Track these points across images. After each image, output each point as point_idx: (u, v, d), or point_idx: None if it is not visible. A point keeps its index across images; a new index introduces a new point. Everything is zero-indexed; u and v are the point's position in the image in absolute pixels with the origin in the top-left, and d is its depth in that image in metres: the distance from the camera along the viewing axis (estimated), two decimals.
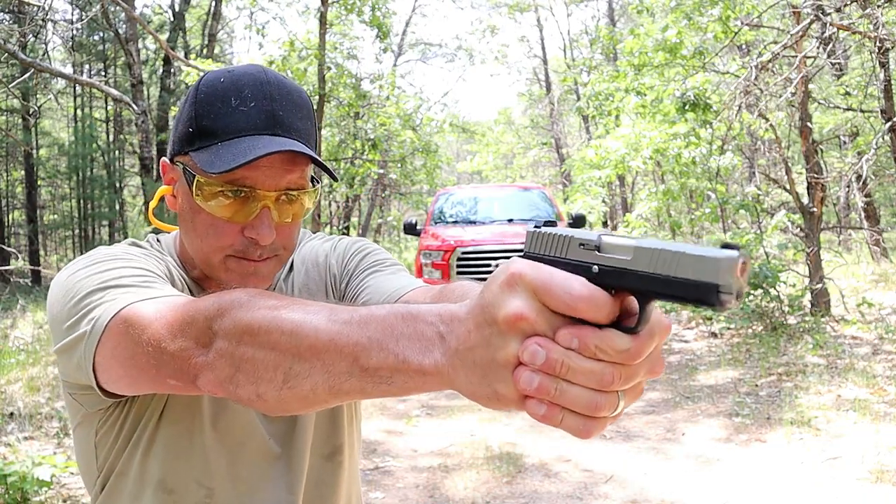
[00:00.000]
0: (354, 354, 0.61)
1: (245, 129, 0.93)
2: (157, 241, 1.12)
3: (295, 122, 0.97)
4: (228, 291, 0.75)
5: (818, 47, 7.46)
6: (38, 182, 21.47)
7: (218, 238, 0.97)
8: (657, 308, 0.54)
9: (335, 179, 0.99)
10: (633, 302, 0.54)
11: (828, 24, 6.92)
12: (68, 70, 19.69)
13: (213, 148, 0.94)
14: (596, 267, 0.54)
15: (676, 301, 0.50)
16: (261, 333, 0.67)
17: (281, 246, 1.00)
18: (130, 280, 0.89)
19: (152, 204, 1.08)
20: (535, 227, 0.60)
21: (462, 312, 0.57)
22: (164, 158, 1.03)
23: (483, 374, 0.54)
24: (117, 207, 20.72)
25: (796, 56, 7.33)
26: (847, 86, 11.36)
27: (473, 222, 9.36)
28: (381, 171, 15.38)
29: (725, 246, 0.48)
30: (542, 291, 0.52)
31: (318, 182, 1.04)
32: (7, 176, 22.52)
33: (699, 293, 0.48)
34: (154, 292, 0.86)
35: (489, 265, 8.04)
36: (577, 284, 0.51)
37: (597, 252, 0.54)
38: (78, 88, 21.53)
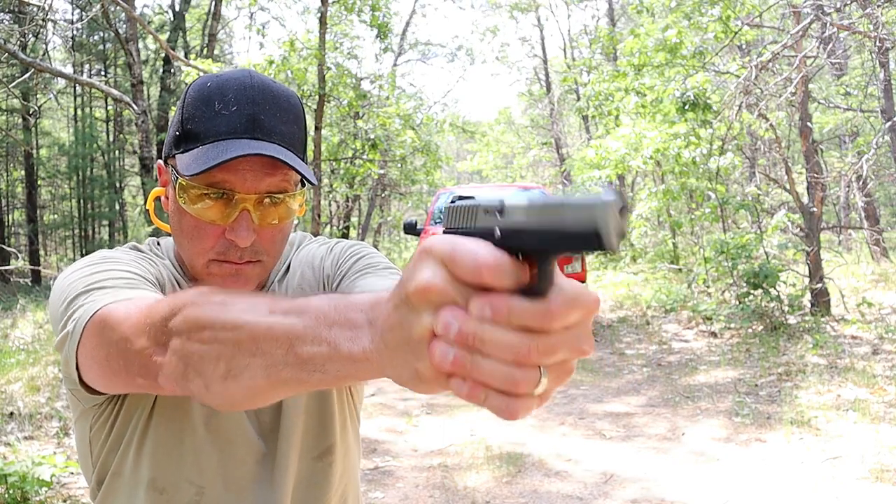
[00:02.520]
0: (290, 342, 0.62)
1: (225, 132, 0.95)
2: (157, 244, 1.14)
3: (278, 125, 0.97)
4: (184, 291, 0.77)
5: (818, 47, 7.46)
6: (38, 182, 21.48)
7: (201, 240, 0.99)
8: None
9: (314, 185, 0.99)
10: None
11: (828, 24, 6.92)
12: (68, 70, 19.70)
13: (195, 151, 0.96)
14: (498, 231, 0.52)
15: (569, 252, 0.49)
16: (206, 328, 0.69)
17: (264, 250, 1.01)
18: (114, 283, 0.91)
19: (148, 205, 1.10)
20: (451, 202, 0.60)
21: (386, 295, 0.56)
22: (159, 160, 1.06)
23: (404, 354, 0.53)
24: (117, 207, 20.73)
25: (796, 56, 7.34)
26: (847, 86, 11.37)
27: None
28: (382, 171, 15.37)
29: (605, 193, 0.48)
30: (448, 260, 0.50)
31: (304, 185, 1.04)
32: (7, 176, 22.52)
33: (584, 241, 0.48)
34: (132, 293, 0.88)
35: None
36: (483, 251, 0.49)
37: (498, 216, 0.53)
38: (78, 88, 21.53)
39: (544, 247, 0.50)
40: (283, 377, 0.63)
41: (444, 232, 0.59)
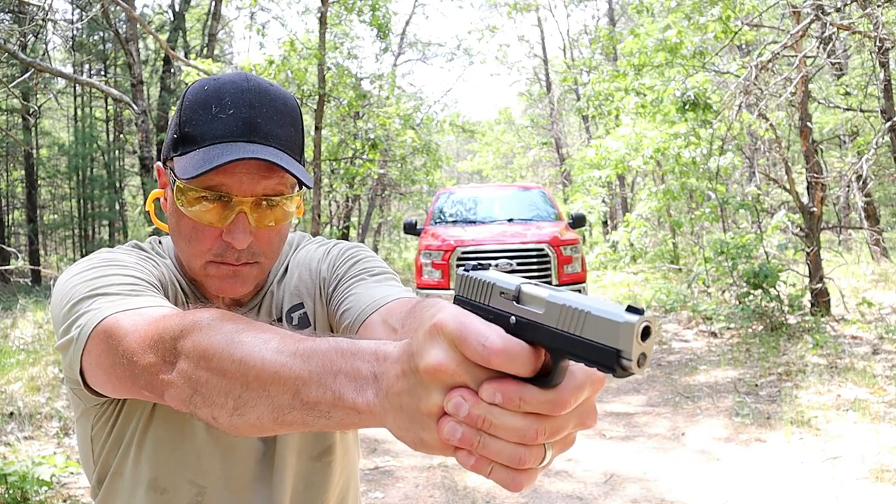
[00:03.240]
0: (296, 388, 0.63)
1: (222, 136, 0.95)
2: (159, 242, 1.15)
3: (274, 129, 0.98)
4: (194, 311, 0.77)
5: (818, 47, 7.46)
6: (38, 182, 21.48)
7: (199, 242, 0.99)
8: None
9: (309, 188, 1.00)
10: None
11: (828, 24, 6.92)
12: (68, 70, 19.70)
13: (192, 154, 0.96)
14: (513, 318, 0.53)
15: (582, 362, 0.49)
16: (215, 359, 0.70)
17: (261, 252, 1.02)
18: (118, 289, 0.92)
19: (148, 206, 1.10)
20: (465, 270, 0.59)
21: (395, 354, 0.57)
22: (158, 162, 1.07)
23: (409, 420, 0.55)
24: (117, 207, 20.74)
25: (796, 56, 7.33)
26: (847, 86, 11.36)
27: (473, 222, 9.35)
28: (382, 171, 15.38)
29: (631, 309, 0.46)
30: (459, 342, 0.50)
31: (301, 187, 1.05)
32: (7, 176, 22.52)
33: (600, 357, 0.47)
34: (139, 302, 0.88)
35: (489, 265, 8.01)
36: (493, 336, 0.50)
37: (515, 303, 0.53)
38: (78, 88, 21.53)
39: (560, 347, 0.50)
40: (288, 419, 0.65)
41: (455, 299, 0.59)
